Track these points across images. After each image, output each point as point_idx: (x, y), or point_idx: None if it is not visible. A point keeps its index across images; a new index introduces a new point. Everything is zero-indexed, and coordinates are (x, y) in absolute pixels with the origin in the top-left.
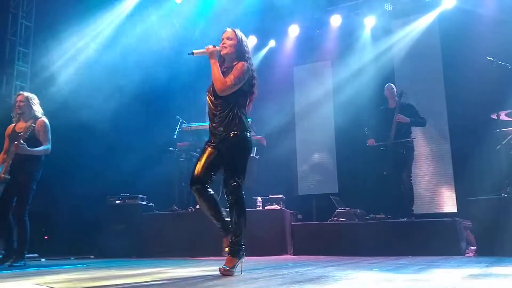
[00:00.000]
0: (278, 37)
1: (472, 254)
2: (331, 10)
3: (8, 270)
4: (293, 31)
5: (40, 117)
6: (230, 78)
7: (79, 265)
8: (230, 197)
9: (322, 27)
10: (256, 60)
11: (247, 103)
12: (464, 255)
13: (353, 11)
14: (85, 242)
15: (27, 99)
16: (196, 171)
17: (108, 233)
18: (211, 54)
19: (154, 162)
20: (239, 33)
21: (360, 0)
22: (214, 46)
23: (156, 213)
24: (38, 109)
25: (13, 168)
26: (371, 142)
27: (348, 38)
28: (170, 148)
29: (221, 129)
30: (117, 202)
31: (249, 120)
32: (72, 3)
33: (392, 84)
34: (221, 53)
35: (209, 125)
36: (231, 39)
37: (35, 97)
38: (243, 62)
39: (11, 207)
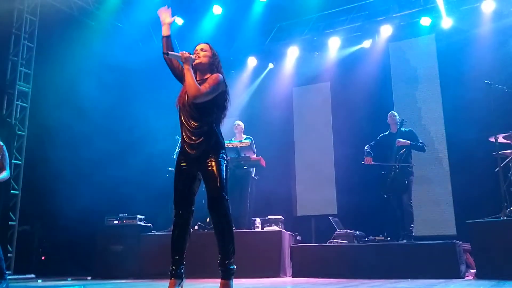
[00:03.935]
0: (278, 59)
1: (472, 277)
2: (330, 32)
3: None
4: (292, 52)
5: None
6: (205, 86)
7: (76, 287)
8: (216, 217)
9: (321, 49)
10: (256, 81)
11: (222, 119)
12: (463, 278)
13: (351, 34)
14: (82, 263)
15: None
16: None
17: (105, 254)
18: (185, 60)
19: (153, 182)
20: (212, 47)
21: (358, 23)
22: (190, 54)
23: (154, 234)
24: None
25: None
26: (368, 160)
27: (347, 60)
28: (170, 169)
29: (198, 147)
30: (115, 222)
31: (249, 140)
32: (74, 24)
33: (394, 112)
34: (194, 63)
35: (182, 139)
36: (205, 51)
37: None
38: (217, 74)
39: None
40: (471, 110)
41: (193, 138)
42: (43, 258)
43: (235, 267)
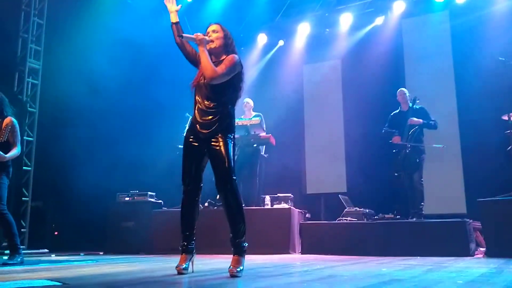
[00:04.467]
0: (288, 36)
1: (482, 255)
2: (341, 9)
3: (8, 266)
4: (303, 29)
5: (7, 116)
6: (222, 67)
7: (89, 261)
8: (225, 198)
9: (332, 25)
10: (266, 58)
11: (237, 99)
12: (473, 256)
13: (363, 10)
14: (94, 238)
15: None
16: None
17: (117, 229)
18: (200, 41)
19: (163, 159)
20: (224, 27)
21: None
22: (204, 35)
23: (165, 210)
24: (6, 110)
25: None
26: (396, 139)
27: (358, 37)
28: (179, 146)
29: (210, 126)
30: (126, 199)
31: (259, 117)
32: (85, 1)
33: (404, 89)
34: (208, 46)
35: (194, 118)
36: (216, 32)
37: (3, 97)
38: (233, 55)
39: None
40: (484, 88)
41: (207, 117)
42: (56, 233)
43: (247, 244)
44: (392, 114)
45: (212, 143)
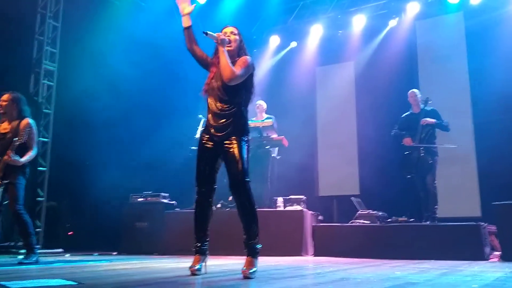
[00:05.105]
0: (301, 38)
1: (497, 259)
2: (354, 10)
3: (23, 265)
4: (316, 31)
5: (25, 117)
6: (238, 68)
7: (103, 261)
8: (238, 200)
9: (345, 27)
10: (279, 59)
11: (249, 100)
12: (488, 260)
13: (376, 11)
14: (108, 238)
15: (11, 99)
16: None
17: (131, 230)
18: (222, 41)
19: (176, 161)
20: (239, 31)
21: (383, 1)
22: (224, 35)
23: (178, 211)
24: (24, 109)
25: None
26: (407, 141)
27: (371, 39)
28: (192, 147)
29: (224, 129)
30: (139, 200)
31: (271, 119)
32: (98, 3)
33: (415, 90)
34: (226, 48)
35: (208, 122)
36: (235, 34)
37: (22, 96)
38: (247, 56)
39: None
40: (499, 89)
41: (221, 120)
42: (70, 233)
43: (261, 246)
44: (403, 116)
45: (226, 146)
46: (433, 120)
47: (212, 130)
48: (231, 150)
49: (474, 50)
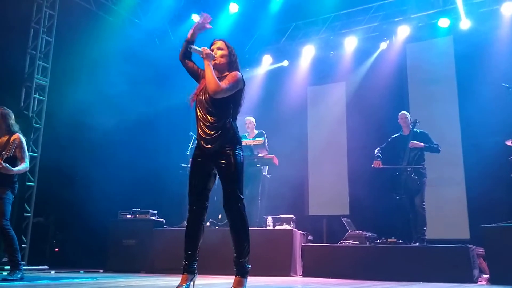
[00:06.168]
0: (293, 58)
1: (485, 282)
2: (346, 32)
3: (8, 282)
4: (308, 52)
5: (16, 132)
6: (225, 82)
7: (89, 279)
8: (231, 217)
9: (337, 48)
10: (271, 79)
11: (237, 114)
12: (476, 283)
13: (368, 34)
14: (95, 256)
15: (2, 114)
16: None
17: (118, 247)
18: (206, 56)
19: (165, 178)
20: (229, 44)
21: (375, 24)
22: (212, 50)
23: (167, 229)
24: (13, 124)
25: None
26: (377, 164)
27: (363, 61)
28: (183, 165)
29: (215, 141)
30: (128, 216)
31: (262, 138)
32: (92, 19)
33: (406, 112)
34: (212, 62)
35: (198, 135)
36: (221, 49)
37: (10, 112)
38: (236, 72)
39: None
40: (488, 113)
41: (210, 132)
42: (56, 250)
43: (250, 266)
44: (393, 136)
45: (220, 158)
46: (421, 144)
47: (202, 142)
48: (224, 164)
49: (464, 73)
